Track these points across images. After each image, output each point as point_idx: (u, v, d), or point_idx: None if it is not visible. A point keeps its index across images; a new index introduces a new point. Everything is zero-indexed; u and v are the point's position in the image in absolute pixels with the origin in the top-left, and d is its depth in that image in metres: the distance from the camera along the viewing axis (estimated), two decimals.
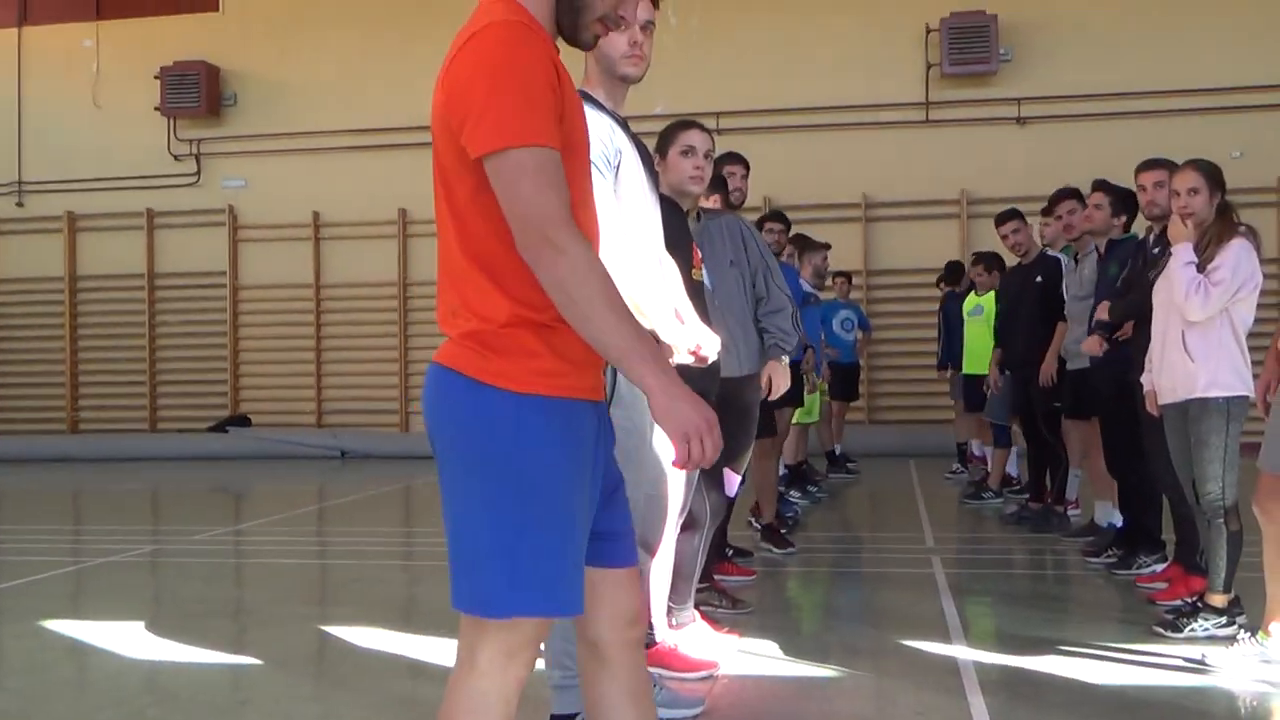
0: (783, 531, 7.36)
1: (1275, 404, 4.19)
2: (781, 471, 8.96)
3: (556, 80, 2.11)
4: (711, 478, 4.56)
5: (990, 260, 9.94)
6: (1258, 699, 4.08)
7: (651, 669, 4.17)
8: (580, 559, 2.16)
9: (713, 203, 5.72)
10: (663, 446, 3.60)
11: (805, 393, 8.34)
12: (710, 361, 3.50)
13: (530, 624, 2.13)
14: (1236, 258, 4.67)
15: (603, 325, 2.03)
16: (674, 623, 4.58)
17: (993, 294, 9.52)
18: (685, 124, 4.52)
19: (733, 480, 5.00)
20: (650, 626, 4.30)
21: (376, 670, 4.60)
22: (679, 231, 4.13)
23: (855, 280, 13.28)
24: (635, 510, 3.51)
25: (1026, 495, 8.52)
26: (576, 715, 3.35)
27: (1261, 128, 13.52)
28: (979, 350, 9.74)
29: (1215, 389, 4.74)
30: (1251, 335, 4.86)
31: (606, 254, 2.91)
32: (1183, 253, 4.76)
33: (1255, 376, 4.72)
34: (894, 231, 14.65)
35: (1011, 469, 9.93)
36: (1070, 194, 7.23)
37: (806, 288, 9.04)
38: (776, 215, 8.58)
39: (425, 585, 6.73)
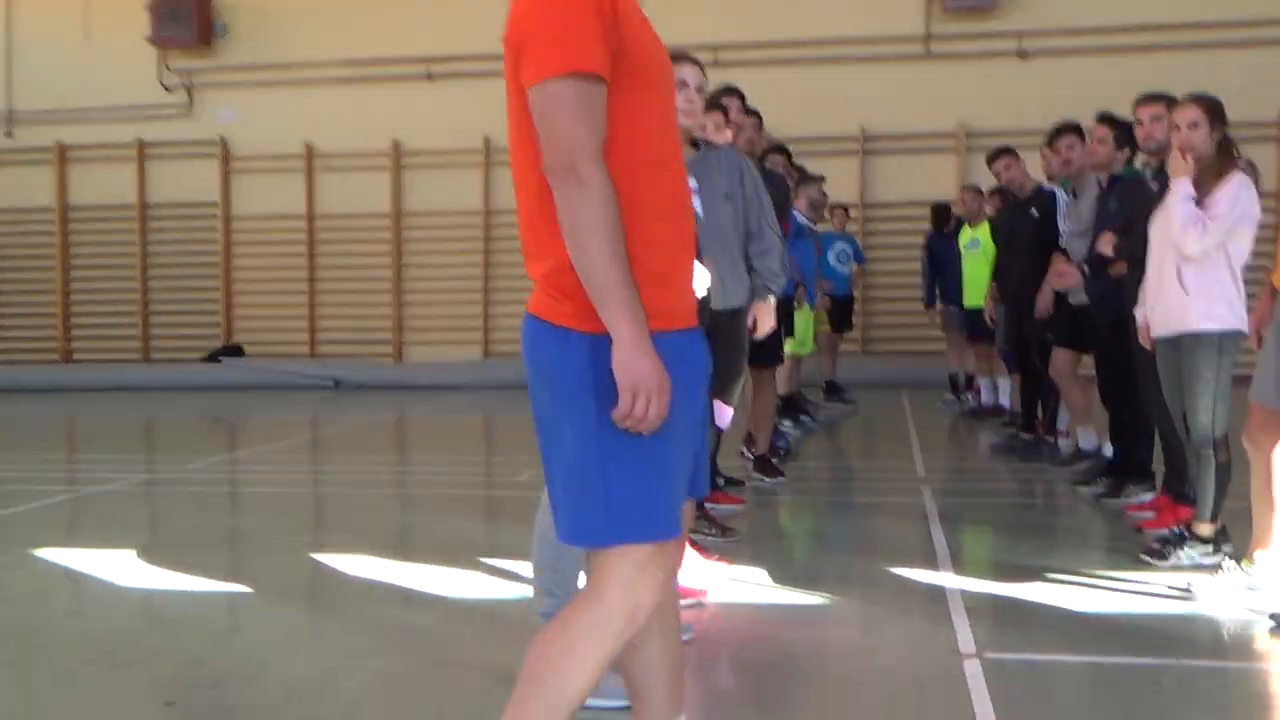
0: (774, 461, 7.39)
1: (1268, 338, 4.18)
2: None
3: (610, 3, 2.09)
4: None
5: (979, 190, 9.93)
6: (1241, 626, 4.12)
7: None
8: (675, 483, 2.18)
9: (722, 136, 5.68)
10: None
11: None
12: (699, 297, 3.49)
13: (642, 551, 2.14)
14: (1235, 193, 4.64)
15: (595, 259, 2.05)
16: None
17: (986, 226, 9.50)
18: (676, 57, 4.46)
19: (724, 411, 5.00)
20: None
21: (369, 597, 4.64)
22: None
23: (852, 213, 13.23)
24: None
25: (1018, 425, 8.54)
26: None
27: (1262, 62, 13.38)
28: (978, 284, 9.74)
29: (1208, 322, 4.74)
30: (1247, 269, 4.84)
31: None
32: (1181, 187, 4.72)
33: (1250, 310, 4.72)
34: (891, 165, 14.56)
35: (1003, 400, 9.96)
36: (1072, 129, 7.17)
37: (801, 220, 9.01)
38: (778, 149, 8.52)
39: (419, 514, 6.77)
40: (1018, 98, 13.63)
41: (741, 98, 6.40)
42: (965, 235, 10.42)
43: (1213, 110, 4.77)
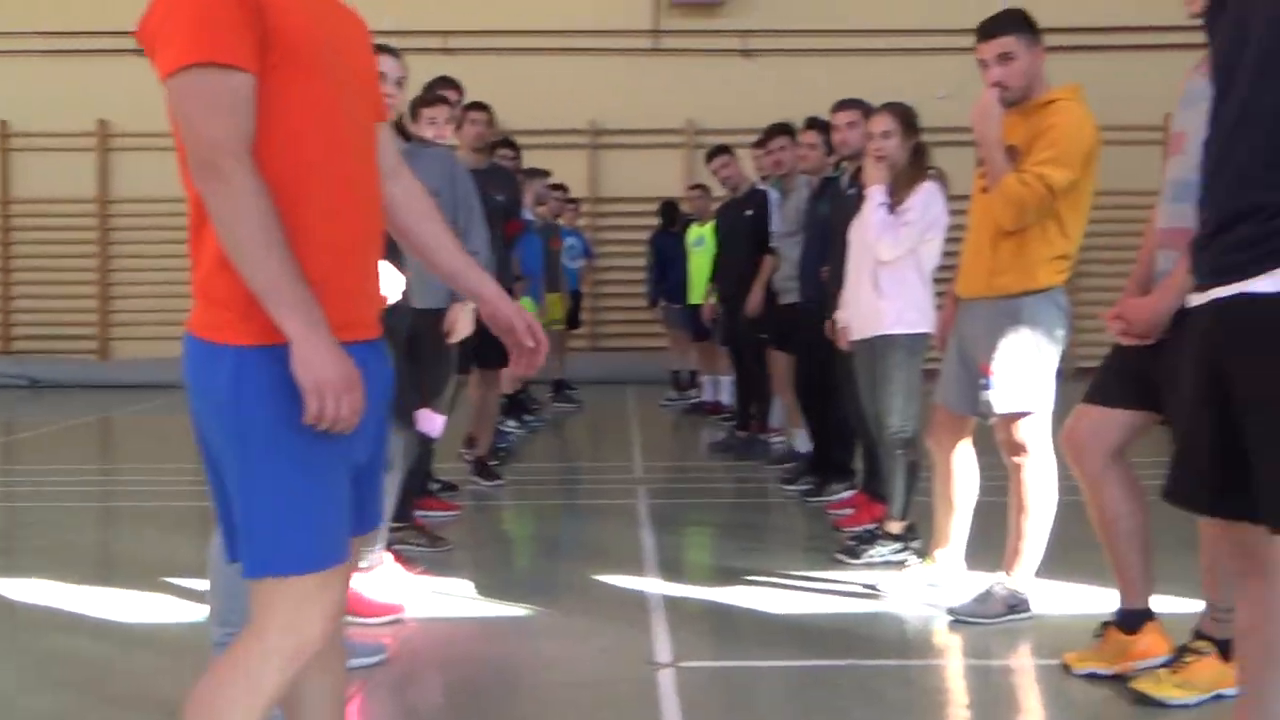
0: (492, 464, 7.28)
1: (949, 343, 4.35)
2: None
3: None
4: (402, 418, 4.39)
5: (706, 189, 10.11)
6: (922, 622, 4.28)
7: None
8: (332, 510, 2.04)
9: (440, 133, 5.51)
10: None
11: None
12: (391, 302, 3.36)
13: (305, 582, 2.00)
14: (926, 200, 4.83)
15: (248, 253, 1.91)
16: (361, 565, 4.42)
17: (713, 225, 9.68)
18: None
19: (434, 420, 4.85)
20: None
21: (41, 625, 4.25)
22: None
23: (582, 208, 13.25)
24: None
25: (734, 423, 8.73)
26: None
27: (969, 69, 14.11)
28: (702, 281, 9.90)
29: (900, 326, 4.92)
30: (938, 272, 5.04)
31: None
32: (875, 194, 4.88)
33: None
34: (621, 160, 14.67)
35: (724, 397, 10.17)
36: (782, 130, 7.34)
37: (527, 215, 8.93)
38: (506, 143, 8.40)
39: (112, 529, 6.32)
40: (744, 96, 13.94)
41: (459, 89, 6.24)
42: (692, 233, 10.59)
43: (905, 119, 4.95)
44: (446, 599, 4.55)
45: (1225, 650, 3.29)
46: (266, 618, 2.01)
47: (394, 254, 3.94)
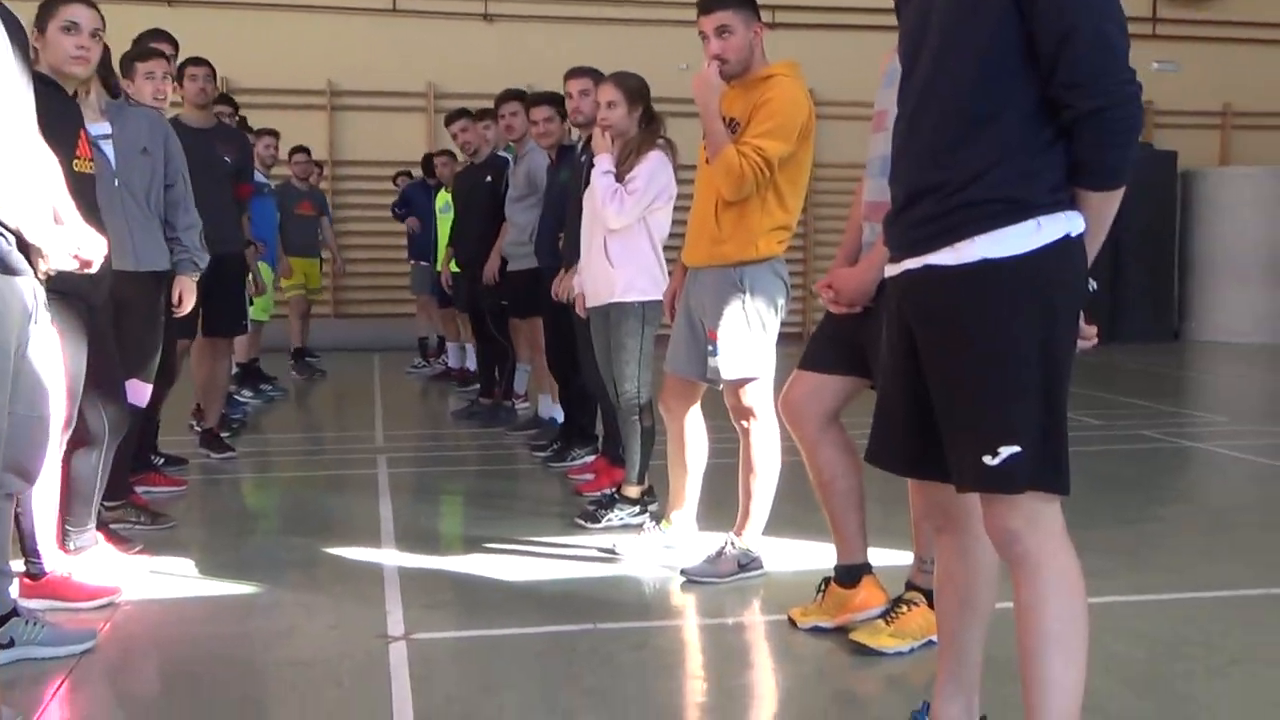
0: (224, 436, 6.98)
1: (679, 310, 4.43)
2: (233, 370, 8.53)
3: None
4: (107, 389, 4.14)
5: (452, 155, 9.97)
6: (659, 584, 4.36)
7: (39, 601, 3.78)
8: None
9: (154, 91, 5.21)
10: (42, 360, 3.18)
11: (252, 294, 7.84)
12: (95, 268, 3.15)
13: None
14: (652, 169, 4.88)
15: None
16: (71, 547, 4.17)
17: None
18: None
19: (141, 390, 4.60)
20: (37, 556, 3.87)
21: None
22: (61, 118, 3.66)
23: (323, 171, 12.84)
24: (7, 434, 3.10)
25: (477, 389, 8.67)
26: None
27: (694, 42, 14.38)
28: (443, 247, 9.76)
29: (632, 293, 4.97)
30: (666, 245, 5.12)
31: None
32: (602, 162, 4.90)
33: None
34: (361, 121, 14.27)
35: (470, 364, 10.09)
36: (513, 95, 7.28)
37: (260, 178, 8.58)
38: (224, 99, 8.02)
39: None
40: (485, 62, 13.80)
41: (174, 43, 5.91)
42: (441, 199, 10.41)
43: (630, 90, 4.99)
44: (166, 579, 4.33)
45: (931, 598, 3.50)
46: None
47: (94, 214, 3.72)
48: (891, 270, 2.46)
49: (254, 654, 3.60)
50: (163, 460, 6.15)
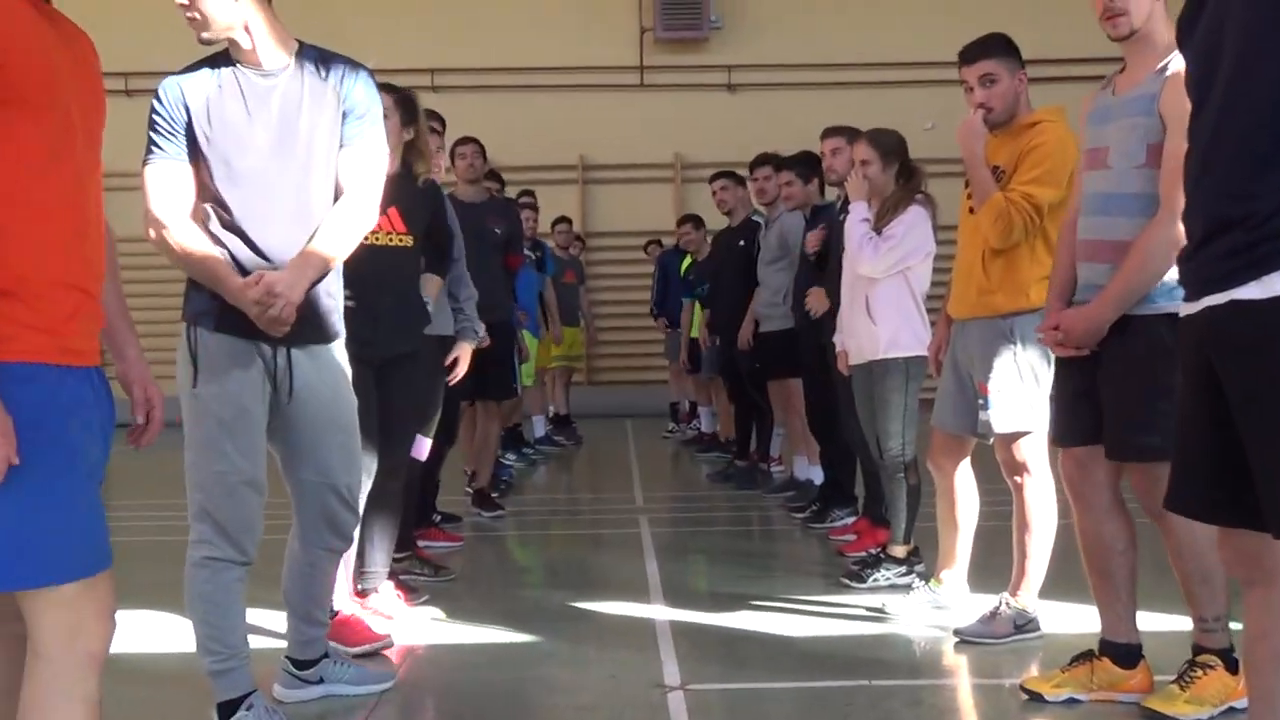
0: (494, 495, 7.29)
1: (945, 364, 4.39)
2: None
3: None
4: (403, 440, 4.47)
5: (697, 219, 10.19)
6: (930, 643, 4.29)
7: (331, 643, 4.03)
8: (86, 519, 2.08)
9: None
10: (343, 424, 3.41)
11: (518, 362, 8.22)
12: (272, 295, 3.08)
13: (71, 592, 2.04)
14: (910, 222, 4.88)
15: None
16: (359, 588, 4.47)
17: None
18: None
19: (422, 445, 4.89)
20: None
21: None
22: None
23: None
24: (325, 498, 3.34)
25: (733, 452, 8.75)
26: (248, 696, 3.18)
27: (954, 100, 14.23)
28: (696, 314, 9.97)
29: (895, 349, 4.95)
30: (929, 298, 5.09)
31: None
32: (857, 210, 4.96)
33: None
34: (610, 194, 14.75)
35: (709, 427, 10.24)
36: (765, 160, 7.40)
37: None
38: (493, 175, 8.44)
39: None
40: (729, 130, 14.04)
41: (442, 123, 6.29)
42: (687, 263, 10.63)
43: (882, 146, 5.02)
44: (451, 627, 4.55)
45: (1228, 661, 3.32)
46: (42, 635, 2.06)
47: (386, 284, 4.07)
48: (1188, 309, 2.39)
49: (540, 698, 3.74)
50: (440, 518, 6.47)
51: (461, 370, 5.21)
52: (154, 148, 3.15)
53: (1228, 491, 2.34)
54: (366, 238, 3.99)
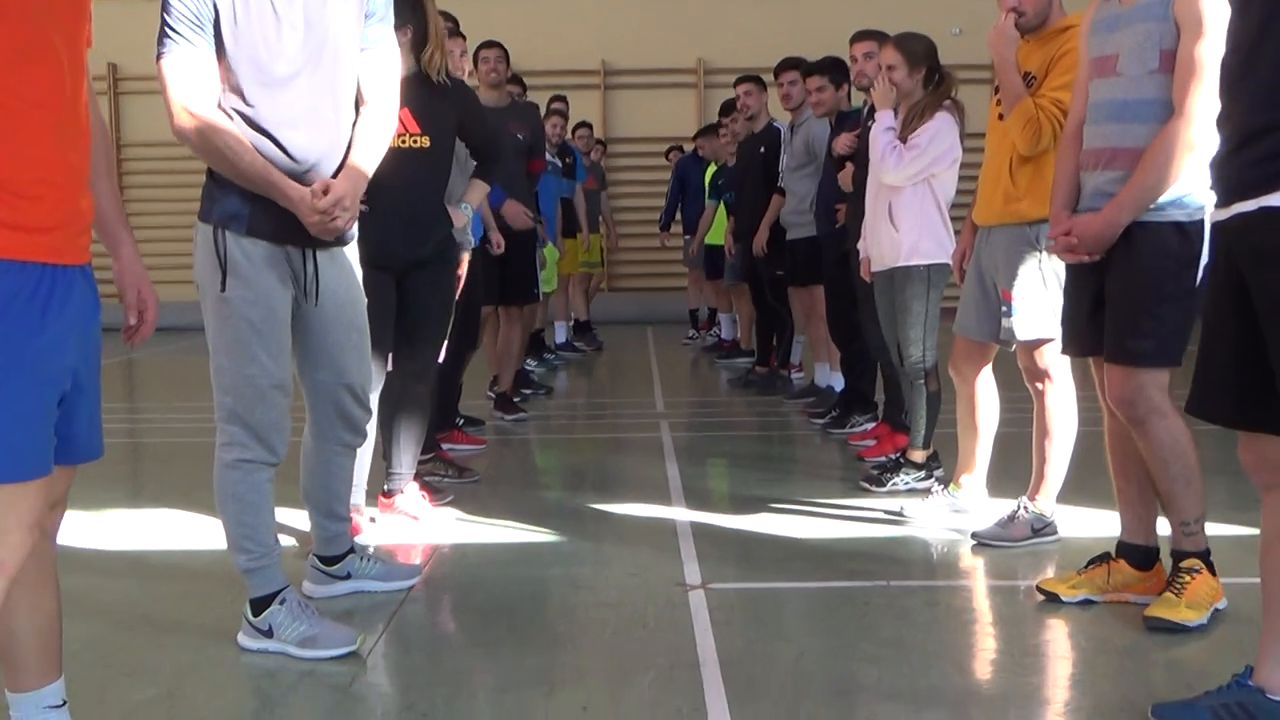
0: (515, 400, 7.35)
1: (968, 272, 4.38)
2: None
3: None
4: (425, 348, 4.52)
5: (711, 128, 10.15)
6: (948, 546, 4.35)
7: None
8: (29, 423, 2.02)
9: (454, 68, 5.52)
10: (359, 325, 3.44)
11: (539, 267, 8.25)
12: (342, 207, 3.15)
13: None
14: (936, 129, 4.84)
15: None
16: (385, 489, 4.56)
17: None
18: None
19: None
20: None
21: (61, 560, 4.32)
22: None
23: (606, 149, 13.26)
24: (340, 396, 3.39)
25: (754, 359, 8.79)
26: (280, 592, 3.26)
27: (983, 4, 13.98)
28: (717, 221, 9.93)
29: (917, 256, 4.95)
30: (953, 206, 5.07)
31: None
32: (882, 118, 4.91)
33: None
34: (632, 100, 14.62)
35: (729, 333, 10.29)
36: (790, 65, 7.31)
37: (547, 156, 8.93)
38: (515, 79, 8.36)
39: (127, 466, 6.42)
40: (755, 36, 13.87)
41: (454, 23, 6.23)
42: (713, 171, 10.56)
43: (909, 52, 4.95)
44: (475, 527, 4.63)
45: (1208, 563, 3.37)
46: None
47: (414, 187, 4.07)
48: (1220, 215, 2.39)
49: (564, 595, 3.82)
50: (463, 421, 6.54)
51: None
52: (176, 37, 3.06)
53: (1253, 398, 2.36)
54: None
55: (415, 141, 4.33)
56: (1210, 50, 2.98)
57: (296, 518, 4.09)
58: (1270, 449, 2.42)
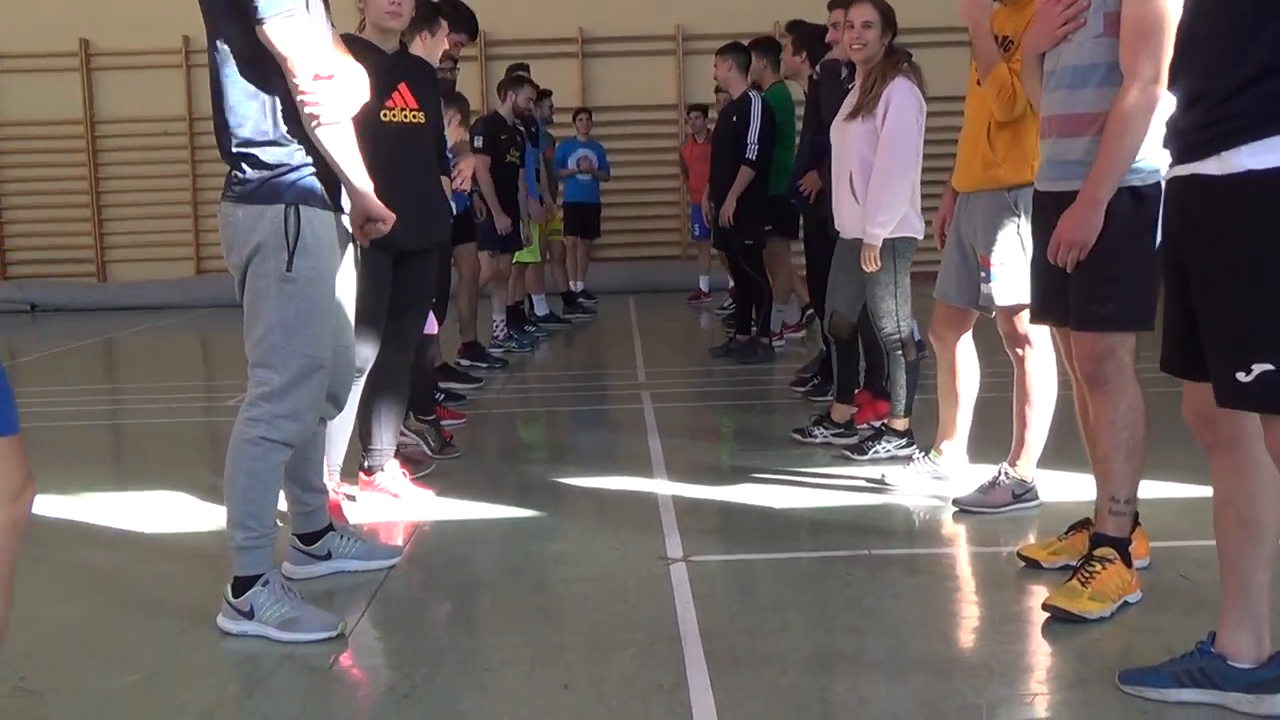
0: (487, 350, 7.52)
1: (949, 237, 4.36)
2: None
3: None
4: (411, 326, 4.50)
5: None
6: (929, 512, 4.35)
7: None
8: None
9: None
10: (347, 295, 3.44)
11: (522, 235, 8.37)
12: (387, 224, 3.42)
13: None
14: (899, 102, 4.83)
15: None
16: (365, 466, 4.54)
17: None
18: None
19: (431, 321, 4.94)
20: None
21: (48, 540, 4.29)
22: (374, 72, 3.90)
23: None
24: (339, 360, 3.40)
25: (733, 328, 8.77)
26: (261, 575, 3.23)
27: None
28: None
29: (878, 229, 4.93)
30: (930, 170, 5.04)
31: None
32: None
33: (926, 218, 4.93)
34: (612, 67, 14.51)
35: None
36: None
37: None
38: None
39: (110, 447, 6.38)
40: (734, 2, 13.75)
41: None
42: None
43: (885, 13, 4.93)
44: (457, 503, 4.61)
45: (1124, 554, 3.26)
46: None
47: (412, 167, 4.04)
48: (1168, 175, 2.45)
49: (545, 570, 3.81)
50: (443, 395, 6.51)
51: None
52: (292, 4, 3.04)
53: (1196, 352, 2.39)
54: (383, 114, 3.98)
55: (414, 117, 4.30)
56: (1153, 10, 2.97)
57: None
58: (1206, 409, 2.44)
